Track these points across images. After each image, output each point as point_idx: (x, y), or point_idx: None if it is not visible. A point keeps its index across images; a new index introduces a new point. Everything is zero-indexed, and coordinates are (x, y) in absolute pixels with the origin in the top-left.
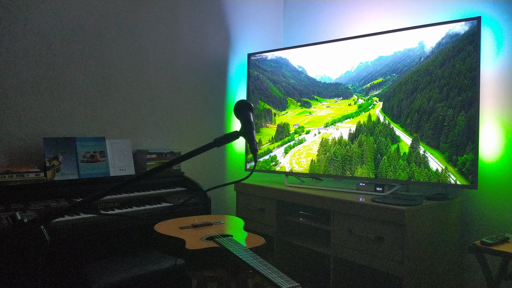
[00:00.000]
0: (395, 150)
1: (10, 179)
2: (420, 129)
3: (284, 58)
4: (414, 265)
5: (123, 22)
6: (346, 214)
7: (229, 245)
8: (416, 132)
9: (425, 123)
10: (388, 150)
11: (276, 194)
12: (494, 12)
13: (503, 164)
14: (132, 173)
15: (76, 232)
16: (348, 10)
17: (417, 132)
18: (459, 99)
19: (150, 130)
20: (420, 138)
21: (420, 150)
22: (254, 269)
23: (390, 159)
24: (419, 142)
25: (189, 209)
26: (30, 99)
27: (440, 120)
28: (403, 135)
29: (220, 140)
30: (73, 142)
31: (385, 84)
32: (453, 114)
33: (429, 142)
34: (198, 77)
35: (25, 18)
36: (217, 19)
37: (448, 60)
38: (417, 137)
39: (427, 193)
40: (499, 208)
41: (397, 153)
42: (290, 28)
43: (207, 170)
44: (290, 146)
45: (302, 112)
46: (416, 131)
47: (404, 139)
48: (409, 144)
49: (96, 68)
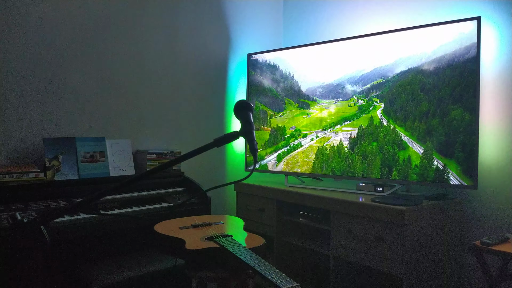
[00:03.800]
0: (406, 161)
1: (10, 179)
2: (431, 134)
3: (283, 58)
4: (414, 265)
5: (123, 22)
6: (346, 214)
7: (229, 245)
8: (428, 138)
9: (436, 127)
10: (398, 162)
11: (276, 194)
12: (494, 12)
13: (503, 164)
14: (132, 173)
15: (76, 232)
16: (349, 10)
17: (429, 137)
18: (459, 99)
19: (150, 130)
20: (432, 145)
21: (435, 162)
22: (254, 269)
23: (400, 173)
24: (433, 153)
25: (189, 209)
26: (30, 99)
27: (452, 124)
28: (411, 141)
29: (220, 140)
30: (73, 142)
31: (385, 85)
32: (462, 114)
33: (442, 150)
34: (198, 77)
35: (25, 18)
36: (217, 19)
37: (448, 60)
38: (430, 146)
39: (427, 193)
40: (499, 208)
41: (409, 164)
42: (290, 28)
43: (207, 170)
44: (284, 152)
45: (299, 113)
46: (426, 136)
47: (413, 146)
48: (421, 155)
49: (96, 68)
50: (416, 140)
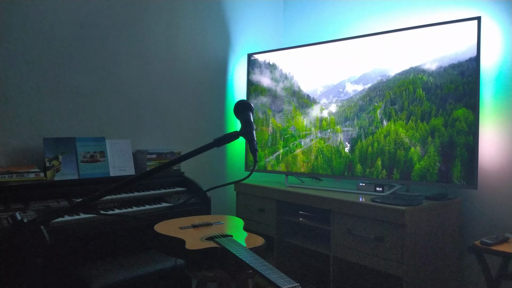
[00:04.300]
0: (407, 162)
1: (10, 179)
2: (433, 135)
3: (283, 58)
4: (414, 265)
5: (123, 22)
6: (346, 214)
7: (229, 245)
8: (431, 138)
9: (438, 127)
10: (399, 163)
11: (276, 194)
12: (494, 12)
13: (503, 164)
14: (132, 173)
15: (76, 232)
16: (349, 10)
17: (432, 138)
18: (460, 98)
19: (150, 130)
20: (434, 145)
21: (437, 163)
22: (254, 269)
23: (401, 174)
24: (435, 153)
25: (189, 209)
26: (30, 99)
27: (454, 125)
28: (412, 141)
29: (220, 140)
30: (73, 142)
31: (385, 85)
32: (465, 114)
33: (443, 149)
34: (198, 77)
35: (25, 18)
36: (217, 19)
37: (449, 60)
38: (432, 147)
39: (427, 193)
40: (499, 208)
41: (410, 165)
42: (290, 28)
43: (207, 170)
44: (284, 152)
45: (299, 113)
46: (428, 137)
47: (414, 146)
48: (422, 155)
49: (96, 68)
50: (417, 140)
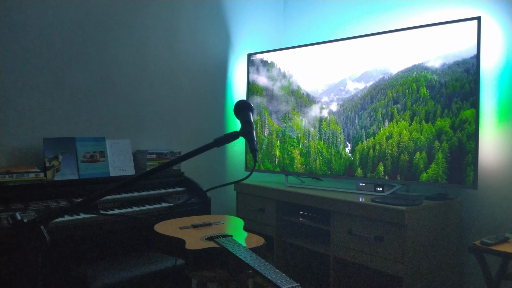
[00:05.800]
0: (413, 168)
1: (10, 179)
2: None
3: (283, 58)
4: (414, 265)
5: (123, 22)
6: (346, 214)
7: (229, 245)
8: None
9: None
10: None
11: (276, 194)
12: (494, 12)
13: (503, 164)
14: (132, 173)
15: (76, 232)
16: (349, 9)
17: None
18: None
19: (150, 130)
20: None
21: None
22: (254, 269)
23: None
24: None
25: (189, 209)
26: (30, 99)
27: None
28: (417, 146)
29: (220, 140)
30: (73, 142)
31: (388, 83)
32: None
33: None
34: (198, 77)
35: (25, 18)
36: (217, 19)
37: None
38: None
39: (427, 193)
40: (499, 208)
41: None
42: (290, 28)
43: (207, 170)
44: (283, 152)
45: (299, 113)
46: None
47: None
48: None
49: (96, 68)
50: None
